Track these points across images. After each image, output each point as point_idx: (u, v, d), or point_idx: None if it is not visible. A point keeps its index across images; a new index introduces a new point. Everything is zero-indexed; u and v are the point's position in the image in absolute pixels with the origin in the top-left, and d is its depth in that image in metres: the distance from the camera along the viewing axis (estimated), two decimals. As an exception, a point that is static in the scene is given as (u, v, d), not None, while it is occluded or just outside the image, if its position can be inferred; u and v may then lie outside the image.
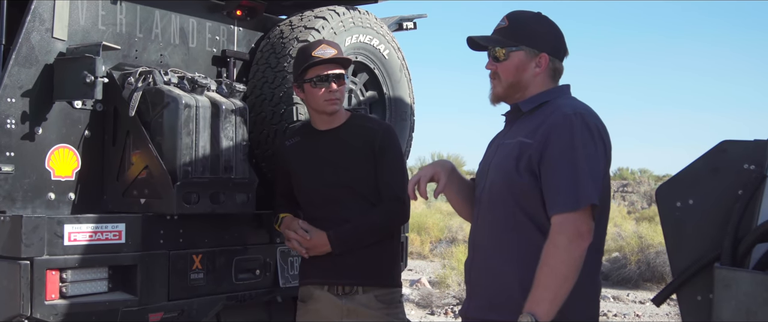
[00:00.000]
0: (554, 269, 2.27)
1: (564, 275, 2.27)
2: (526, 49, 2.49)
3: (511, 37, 2.51)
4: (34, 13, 3.19)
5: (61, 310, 3.06)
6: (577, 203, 2.27)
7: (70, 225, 3.10)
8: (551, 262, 2.27)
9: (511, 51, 2.49)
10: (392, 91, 4.32)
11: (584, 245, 2.29)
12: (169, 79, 3.42)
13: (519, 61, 2.50)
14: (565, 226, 2.28)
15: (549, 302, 2.26)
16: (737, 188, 2.29)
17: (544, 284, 2.28)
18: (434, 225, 15.84)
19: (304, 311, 3.35)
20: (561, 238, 2.28)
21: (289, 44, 3.82)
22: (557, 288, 2.27)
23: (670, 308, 8.96)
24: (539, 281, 2.29)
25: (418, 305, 9.34)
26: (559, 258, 2.27)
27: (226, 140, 3.47)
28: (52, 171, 3.28)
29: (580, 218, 2.28)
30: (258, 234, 3.83)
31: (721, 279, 2.19)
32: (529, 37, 2.50)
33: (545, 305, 2.26)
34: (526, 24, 2.53)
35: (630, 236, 12.71)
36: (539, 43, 2.50)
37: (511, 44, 2.50)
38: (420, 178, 2.61)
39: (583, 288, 2.36)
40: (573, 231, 2.27)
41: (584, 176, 2.29)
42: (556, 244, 2.28)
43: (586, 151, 2.32)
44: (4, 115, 3.10)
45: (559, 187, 2.30)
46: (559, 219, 2.30)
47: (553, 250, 2.28)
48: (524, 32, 2.51)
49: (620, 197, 25.41)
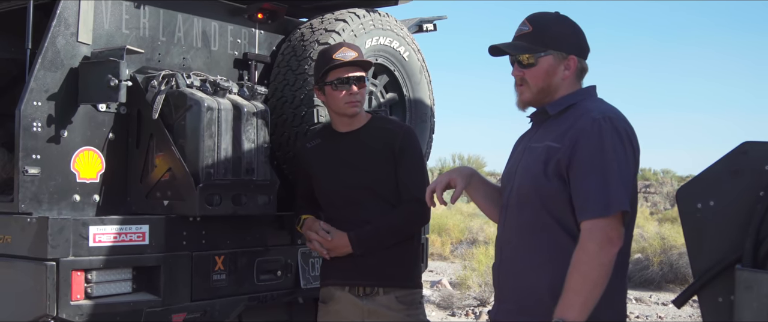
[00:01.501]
0: (585, 275, 2.26)
1: (594, 280, 2.26)
2: (554, 53, 2.46)
3: (537, 42, 2.46)
4: (59, 18, 3.24)
5: (86, 310, 3.10)
6: (607, 209, 2.26)
7: (94, 226, 3.15)
8: (582, 268, 2.26)
9: (540, 56, 2.46)
10: (412, 93, 4.33)
11: (614, 251, 2.28)
12: (192, 82, 3.46)
13: (548, 66, 2.46)
14: (595, 232, 2.26)
15: (579, 307, 2.25)
16: (758, 190, 2.27)
17: (574, 289, 2.27)
18: (455, 226, 15.80)
19: (325, 311, 3.37)
20: (591, 244, 2.26)
21: (309, 47, 3.85)
22: (588, 293, 2.26)
23: (693, 309, 8.89)
24: (570, 286, 2.27)
25: (438, 307, 9.33)
26: (589, 264, 2.26)
27: (247, 143, 3.50)
28: (77, 173, 3.32)
29: (610, 224, 2.27)
30: (279, 235, 3.86)
31: (743, 281, 2.18)
32: (556, 41, 2.46)
33: (575, 310, 2.25)
34: (549, 27, 2.48)
35: (652, 237, 12.61)
36: (566, 46, 2.47)
37: (539, 50, 2.45)
38: (436, 186, 2.60)
39: (611, 291, 2.35)
40: (603, 237, 2.26)
41: (614, 182, 2.27)
42: (586, 250, 2.26)
43: (617, 157, 2.29)
44: (30, 118, 3.15)
45: (588, 193, 2.28)
46: (589, 225, 2.28)
47: (583, 256, 2.27)
48: (550, 36, 2.46)
49: (643, 198, 25.18)
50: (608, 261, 2.27)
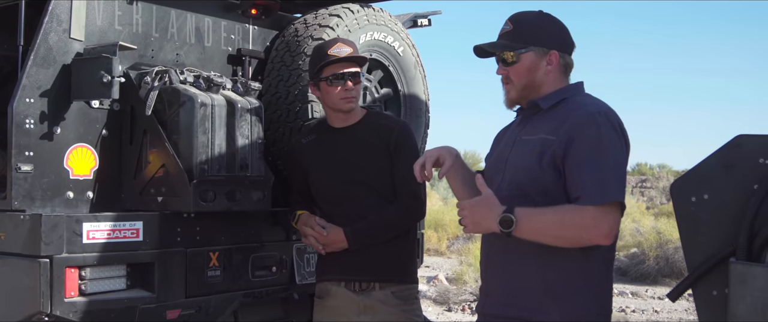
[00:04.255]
0: (564, 220, 2.28)
1: (561, 233, 2.29)
2: (535, 49, 2.48)
3: (517, 39, 2.50)
4: (51, 14, 3.23)
5: (80, 307, 3.09)
6: (601, 198, 2.26)
7: (88, 223, 3.14)
8: (568, 216, 2.28)
9: (521, 53, 2.49)
10: (407, 88, 4.33)
11: (598, 239, 2.28)
12: (185, 78, 3.45)
13: (530, 62, 2.49)
14: (587, 214, 2.27)
15: (532, 223, 2.29)
16: (752, 183, 2.28)
17: (547, 215, 2.29)
18: (451, 222, 15.80)
19: (320, 307, 3.37)
20: (588, 216, 2.26)
21: (303, 42, 3.84)
22: (547, 229, 2.29)
23: (689, 303, 8.91)
24: (546, 210, 2.30)
25: (435, 302, 9.34)
26: (574, 221, 2.27)
27: (241, 138, 3.50)
28: (71, 170, 3.31)
29: (603, 213, 2.27)
30: (274, 231, 3.85)
31: (737, 274, 2.18)
32: (536, 37, 2.49)
33: (527, 220, 2.28)
34: (530, 24, 2.51)
35: (648, 231, 12.64)
36: (546, 41, 2.49)
37: (520, 46, 2.49)
38: (425, 160, 2.59)
39: (595, 283, 2.37)
40: (592, 223, 2.26)
41: (610, 174, 2.29)
42: (584, 212, 2.26)
43: (613, 150, 2.31)
44: (23, 115, 3.14)
45: (583, 183, 2.30)
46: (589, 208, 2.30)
47: (578, 213, 2.27)
48: (530, 32, 2.49)
49: (639, 193, 25.23)
50: (586, 240, 2.29)
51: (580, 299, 2.36)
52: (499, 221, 2.30)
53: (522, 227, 2.29)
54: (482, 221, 2.36)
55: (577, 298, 2.36)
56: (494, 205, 2.34)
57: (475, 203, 2.38)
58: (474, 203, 2.39)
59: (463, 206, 2.41)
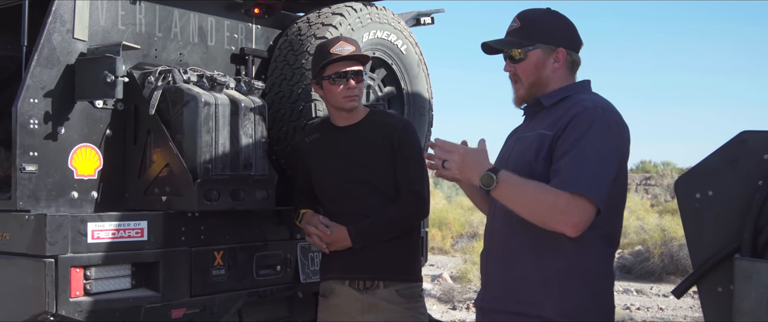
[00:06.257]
0: (538, 199, 2.27)
1: (534, 208, 2.28)
2: (543, 46, 2.49)
3: (525, 36, 2.50)
4: (55, 15, 3.23)
5: (85, 307, 3.10)
6: (569, 185, 2.24)
7: (93, 223, 3.14)
8: (543, 196, 2.26)
9: (528, 50, 2.49)
10: (410, 87, 4.33)
11: (564, 229, 2.26)
12: (189, 77, 3.46)
13: (537, 59, 2.50)
14: (561, 199, 2.25)
15: (511, 190, 2.29)
16: (757, 179, 2.27)
17: (527, 187, 2.29)
18: (455, 220, 15.82)
19: (325, 306, 3.37)
20: (563, 199, 2.24)
21: (306, 41, 3.84)
22: (522, 200, 2.29)
23: (694, 300, 8.89)
24: (529, 183, 2.29)
25: (439, 300, 9.34)
26: (547, 202, 2.25)
27: (245, 138, 3.50)
28: (75, 170, 3.32)
29: (574, 203, 2.24)
30: (278, 230, 3.86)
31: (742, 270, 2.17)
32: (544, 34, 2.50)
33: (507, 185, 2.29)
34: (538, 21, 2.52)
35: (653, 229, 12.63)
36: (554, 39, 2.50)
37: (527, 44, 2.49)
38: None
39: (595, 281, 2.38)
40: (563, 209, 2.24)
41: (587, 167, 2.26)
42: (557, 199, 2.24)
43: (598, 145, 2.30)
44: (27, 115, 3.14)
45: (560, 169, 2.30)
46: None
47: (552, 198, 2.25)
48: (538, 30, 2.50)
49: (643, 190, 25.19)
50: (552, 224, 2.27)
51: (578, 294, 2.36)
52: (482, 177, 2.31)
53: (501, 190, 2.31)
54: (467, 170, 2.38)
55: (574, 294, 2.36)
56: (484, 160, 2.37)
57: (469, 152, 2.40)
58: (467, 151, 2.40)
59: (456, 149, 2.41)
